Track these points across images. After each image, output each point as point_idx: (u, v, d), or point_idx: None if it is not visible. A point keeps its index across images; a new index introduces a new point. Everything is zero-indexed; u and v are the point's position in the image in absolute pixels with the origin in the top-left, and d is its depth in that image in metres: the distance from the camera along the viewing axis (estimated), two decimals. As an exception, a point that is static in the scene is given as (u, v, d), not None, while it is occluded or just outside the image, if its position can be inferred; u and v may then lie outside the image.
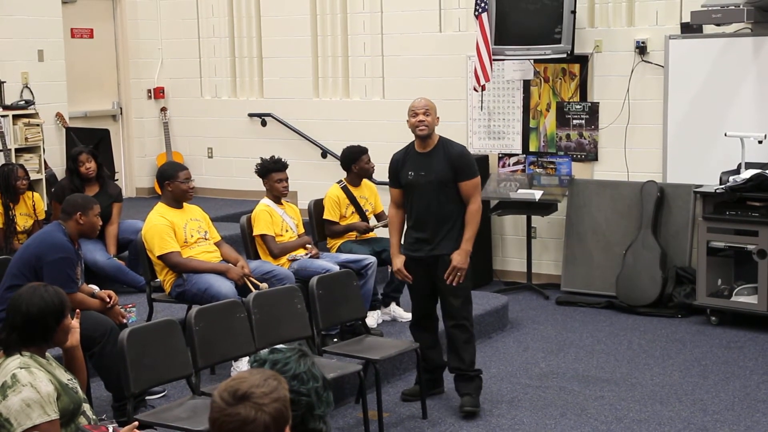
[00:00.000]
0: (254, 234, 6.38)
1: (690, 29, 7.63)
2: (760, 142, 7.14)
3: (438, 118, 5.50)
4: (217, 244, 6.05)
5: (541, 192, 8.14)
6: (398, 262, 5.55)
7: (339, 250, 6.78)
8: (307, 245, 6.49)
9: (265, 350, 2.83)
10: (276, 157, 6.56)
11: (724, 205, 7.10)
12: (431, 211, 5.45)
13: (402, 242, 5.62)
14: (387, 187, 8.81)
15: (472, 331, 5.57)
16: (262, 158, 6.58)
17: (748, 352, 6.63)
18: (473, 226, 5.44)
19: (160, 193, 6.15)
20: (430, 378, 5.70)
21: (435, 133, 5.51)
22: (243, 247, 6.51)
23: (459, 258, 5.40)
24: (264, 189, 6.56)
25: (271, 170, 6.45)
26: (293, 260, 6.31)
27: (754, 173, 6.97)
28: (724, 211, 7.10)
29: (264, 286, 5.78)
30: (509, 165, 8.58)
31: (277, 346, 2.89)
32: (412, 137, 5.46)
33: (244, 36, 9.90)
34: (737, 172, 7.20)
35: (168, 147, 10.10)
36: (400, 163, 5.58)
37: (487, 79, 8.10)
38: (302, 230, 6.58)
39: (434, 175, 5.43)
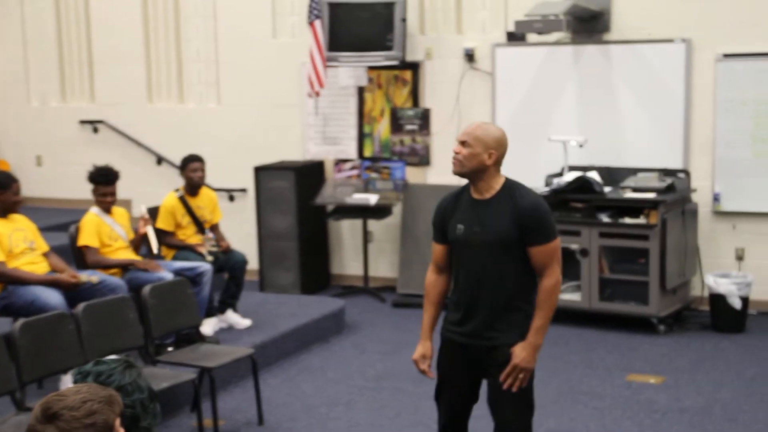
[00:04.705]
0: (78, 244, 6.23)
1: (515, 38, 7.94)
2: (581, 145, 7.49)
3: (493, 153, 3.91)
4: (45, 254, 5.89)
5: (376, 196, 8.28)
6: (421, 348, 4.06)
7: (174, 258, 6.71)
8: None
9: (90, 362, 2.80)
10: (106, 168, 6.36)
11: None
12: (485, 283, 3.93)
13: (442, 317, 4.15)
14: (227, 193, 8.95)
15: None
16: (94, 165, 6.40)
17: (573, 347, 6.94)
18: (546, 309, 3.88)
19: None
20: None
21: (500, 173, 4.00)
22: (72, 257, 6.34)
23: (523, 354, 3.92)
24: (94, 197, 6.42)
25: (98, 182, 6.28)
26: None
27: (576, 176, 7.31)
28: (549, 212, 7.39)
29: (94, 278, 5.73)
30: (345, 170, 8.69)
31: (103, 358, 2.86)
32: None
33: (73, 41, 9.65)
34: (560, 174, 7.53)
35: (-7, 155, 9.74)
36: (448, 211, 4.13)
37: (321, 85, 8.18)
38: (132, 236, 6.46)
39: (492, 233, 3.90)
